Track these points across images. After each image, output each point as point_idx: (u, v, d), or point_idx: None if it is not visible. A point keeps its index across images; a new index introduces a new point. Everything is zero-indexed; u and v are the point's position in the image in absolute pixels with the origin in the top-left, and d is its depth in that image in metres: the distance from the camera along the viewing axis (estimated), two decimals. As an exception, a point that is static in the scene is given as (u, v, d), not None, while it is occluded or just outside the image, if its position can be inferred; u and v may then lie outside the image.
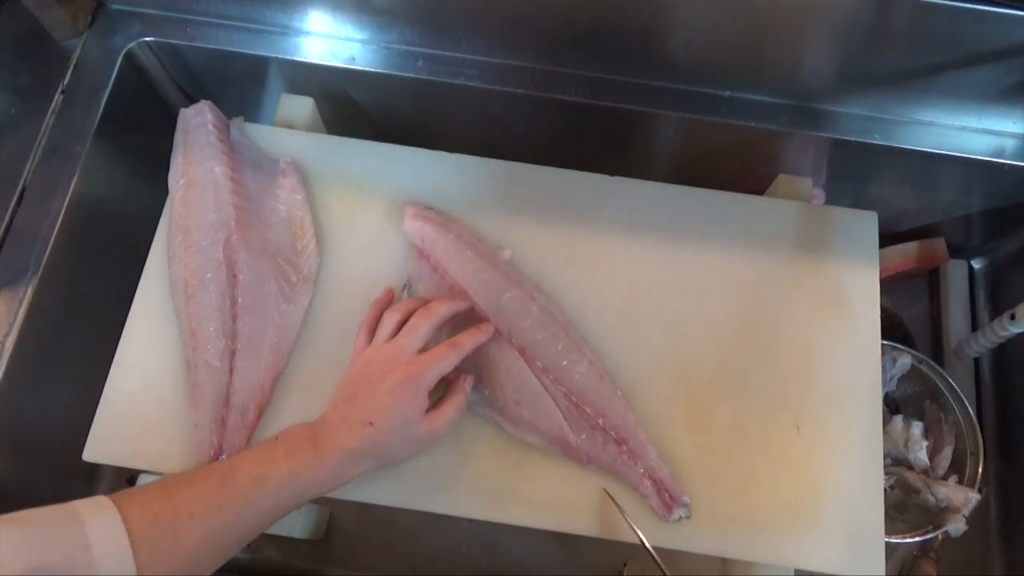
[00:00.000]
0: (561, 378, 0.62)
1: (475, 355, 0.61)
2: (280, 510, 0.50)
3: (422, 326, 0.58)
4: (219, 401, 0.61)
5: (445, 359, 0.56)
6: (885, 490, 0.83)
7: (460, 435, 0.63)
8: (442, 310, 0.59)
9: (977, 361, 0.94)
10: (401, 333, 0.58)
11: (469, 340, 0.59)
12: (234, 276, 0.64)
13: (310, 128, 0.76)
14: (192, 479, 0.48)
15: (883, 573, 0.60)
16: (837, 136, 0.77)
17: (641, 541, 0.57)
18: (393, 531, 0.89)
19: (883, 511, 0.62)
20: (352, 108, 0.85)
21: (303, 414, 0.63)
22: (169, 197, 0.69)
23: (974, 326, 0.96)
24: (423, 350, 0.57)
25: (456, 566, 0.87)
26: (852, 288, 0.69)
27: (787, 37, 0.70)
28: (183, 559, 0.44)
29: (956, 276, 0.97)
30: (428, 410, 0.56)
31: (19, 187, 0.71)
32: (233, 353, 0.62)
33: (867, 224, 0.71)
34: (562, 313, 0.66)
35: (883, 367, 0.81)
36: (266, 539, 0.87)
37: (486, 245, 0.68)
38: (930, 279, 1.00)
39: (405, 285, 0.67)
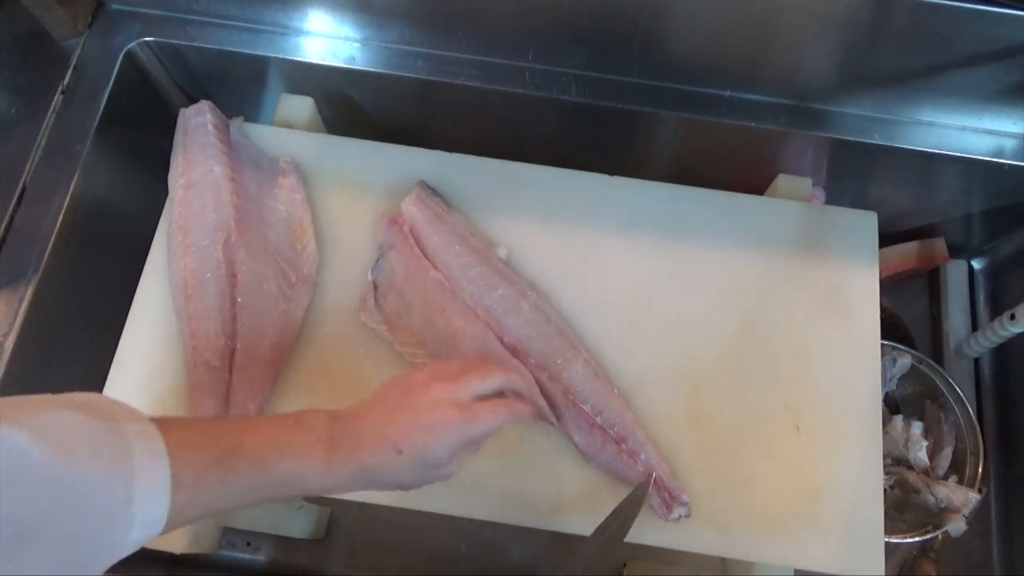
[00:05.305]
0: (556, 376, 0.62)
1: (441, 330, 0.62)
2: (274, 498, 0.48)
3: (496, 379, 0.53)
4: (219, 401, 0.61)
5: (497, 418, 0.51)
6: (885, 490, 0.83)
7: (460, 435, 0.63)
8: (518, 381, 0.56)
9: (977, 361, 0.94)
10: (473, 373, 0.52)
11: (527, 411, 0.55)
12: (234, 276, 0.64)
13: (310, 128, 0.76)
14: (199, 443, 0.44)
15: (883, 573, 0.60)
16: (837, 136, 0.77)
17: None
18: (393, 531, 0.88)
19: (883, 511, 0.62)
20: (352, 108, 0.85)
21: (303, 414, 0.63)
22: (169, 197, 0.69)
23: (974, 326, 0.96)
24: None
25: (456, 566, 0.87)
26: (852, 288, 0.69)
27: (787, 37, 0.70)
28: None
29: (956, 276, 0.97)
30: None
31: (19, 187, 0.71)
32: (233, 353, 0.62)
33: (867, 224, 0.72)
34: (557, 312, 0.66)
35: (883, 367, 0.81)
36: (266, 539, 0.87)
37: (480, 240, 0.68)
38: (930, 279, 1.00)
39: (379, 257, 0.67)
